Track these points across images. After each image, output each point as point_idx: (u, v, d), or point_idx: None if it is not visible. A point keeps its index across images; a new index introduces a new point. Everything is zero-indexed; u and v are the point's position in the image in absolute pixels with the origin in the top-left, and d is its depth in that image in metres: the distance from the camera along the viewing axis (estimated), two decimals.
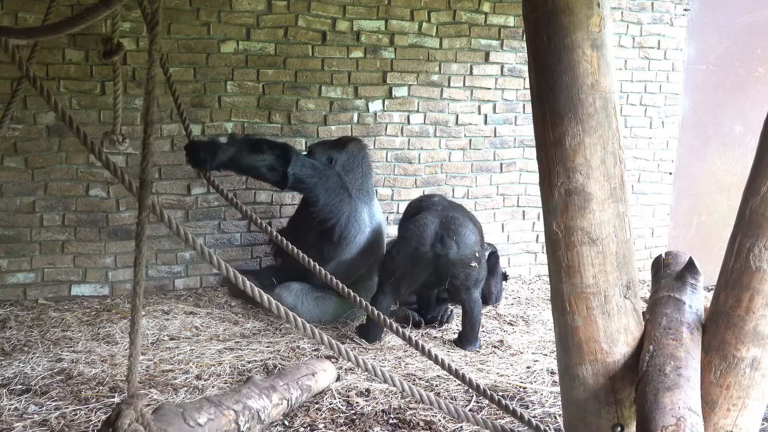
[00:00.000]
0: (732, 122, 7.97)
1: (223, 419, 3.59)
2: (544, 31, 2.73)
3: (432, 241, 5.58)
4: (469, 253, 5.59)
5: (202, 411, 3.51)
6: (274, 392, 4.05)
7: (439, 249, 5.55)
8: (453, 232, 5.58)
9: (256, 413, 3.82)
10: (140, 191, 2.50)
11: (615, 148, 2.76)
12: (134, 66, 6.01)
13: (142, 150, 2.52)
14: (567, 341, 2.89)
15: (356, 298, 4.46)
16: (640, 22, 7.65)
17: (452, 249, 5.53)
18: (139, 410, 2.46)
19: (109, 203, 6.12)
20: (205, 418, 3.49)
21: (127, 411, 2.42)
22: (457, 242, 5.55)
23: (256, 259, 6.70)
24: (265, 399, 3.94)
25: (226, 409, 3.65)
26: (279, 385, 4.15)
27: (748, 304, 2.68)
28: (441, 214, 5.74)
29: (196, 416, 3.46)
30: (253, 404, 3.83)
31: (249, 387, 3.98)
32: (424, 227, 5.63)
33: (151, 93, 2.50)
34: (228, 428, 3.59)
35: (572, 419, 2.97)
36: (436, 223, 5.65)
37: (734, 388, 2.72)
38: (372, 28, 6.73)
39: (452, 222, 5.64)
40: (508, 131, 7.41)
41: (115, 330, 5.40)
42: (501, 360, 5.42)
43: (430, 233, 5.60)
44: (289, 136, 6.56)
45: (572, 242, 2.79)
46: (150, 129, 2.49)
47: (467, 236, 5.61)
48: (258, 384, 4.04)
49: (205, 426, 3.46)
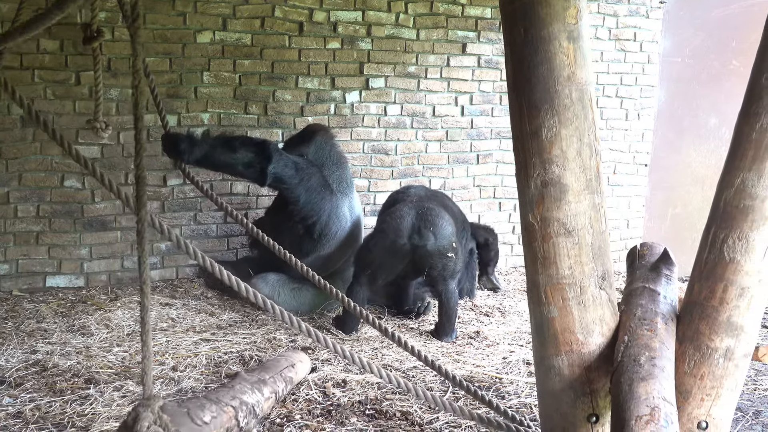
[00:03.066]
0: (707, 115, 8.02)
1: (225, 416, 3.65)
2: (520, 22, 2.73)
3: (409, 232, 5.58)
4: (446, 243, 5.60)
5: (205, 409, 3.58)
6: (265, 386, 4.09)
7: (417, 240, 5.55)
8: (430, 223, 5.59)
9: (252, 408, 3.87)
10: (137, 188, 2.47)
11: (591, 140, 2.77)
12: (110, 56, 5.97)
13: (135, 145, 2.49)
14: (543, 332, 2.90)
15: (332, 290, 4.46)
16: (616, 15, 7.68)
17: (429, 240, 5.54)
18: (157, 412, 2.46)
19: (85, 194, 6.08)
20: (209, 416, 3.55)
21: (145, 413, 2.41)
22: (434, 233, 5.56)
23: (232, 250, 6.68)
24: (258, 393, 3.99)
25: (226, 405, 3.71)
26: (267, 378, 4.18)
27: (722, 295, 2.70)
28: (417, 205, 5.74)
29: (201, 415, 3.53)
30: (248, 399, 3.88)
31: (240, 382, 4.00)
32: (401, 219, 5.63)
33: (137, 87, 2.47)
34: (230, 425, 3.66)
35: (548, 409, 2.98)
36: (413, 214, 5.65)
37: (708, 378, 2.74)
38: (349, 19, 6.72)
39: (429, 213, 5.64)
40: (485, 123, 7.42)
41: (90, 321, 5.37)
42: (477, 351, 5.44)
43: (407, 225, 5.60)
44: (265, 127, 6.54)
45: (548, 233, 2.79)
46: (140, 123, 2.46)
47: (444, 227, 5.62)
48: (248, 378, 4.06)
49: (211, 424, 3.53)
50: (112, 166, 6.07)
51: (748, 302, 2.69)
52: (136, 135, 2.48)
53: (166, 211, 6.36)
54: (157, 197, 6.30)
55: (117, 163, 6.13)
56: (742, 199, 2.65)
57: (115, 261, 6.25)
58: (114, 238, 6.21)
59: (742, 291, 2.68)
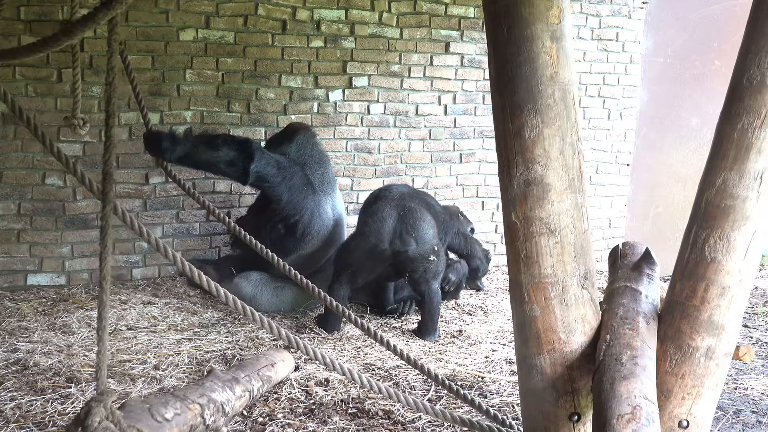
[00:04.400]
0: (689, 115, 8.05)
1: (189, 413, 3.59)
2: (503, 22, 2.73)
3: (390, 237, 5.56)
4: (427, 248, 5.59)
5: (168, 406, 3.51)
6: (237, 384, 4.05)
7: (398, 246, 5.54)
8: (411, 227, 5.56)
9: (221, 406, 3.82)
10: (103, 184, 2.46)
11: (573, 140, 2.78)
12: (91, 53, 5.94)
13: (104, 142, 2.48)
14: (525, 331, 2.90)
15: (315, 289, 4.46)
16: (599, 15, 7.70)
17: (411, 246, 5.53)
18: (109, 407, 2.44)
19: (66, 192, 6.05)
20: (172, 413, 3.49)
21: (97, 408, 2.40)
22: (415, 238, 5.54)
23: (215, 248, 6.66)
24: (229, 391, 3.94)
25: (191, 403, 3.65)
26: (241, 377, 4.14)
27: (703, 294, 2.71)
28: (399, 204, 5.71)
29: (163, 411, 3.46)
30: (218, 397, 3.83)
31: (212, 380, 3.97)
32: (382, 222, 5.60)
33: (111, 84, 2.46)
34: (194, 422, 3.60)
35: (530, 408, 2.99)
36: (394, 216, 5.62)
37: (689, 377, 2.75)
38: (332, 18, 6.71)
39: (410, 215, 5.62)
40: (468, 122, 7.43)
41: (71, 320, 5.35)
42: (460, 350, 5.45)
43: (388, 229, 5.57)
44: (248, 126, 6.52)
45: (531, 233, 2.80)
46: (112, 120, 2.45)
47: (425, 231, 5.60)
48: (220, 376, 4.03)
49: (172, 421, 3.46)
50: (94, 164, 6.04)
51: (728, 301, 2.70)
52: (107, 132, 2.47)
53: (148, 210, 6.33)
54: (139, 195, 6.28)
55: (99, 161, 6.05)
56: (723, 199, 2.66)
57: (97, 259, 6.13)
58: (96, 236, 6.18)
59: (723, 290, 2.69)
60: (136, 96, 5.01)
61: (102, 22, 2.22)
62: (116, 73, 2.48)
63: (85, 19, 2.29)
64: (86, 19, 2.29)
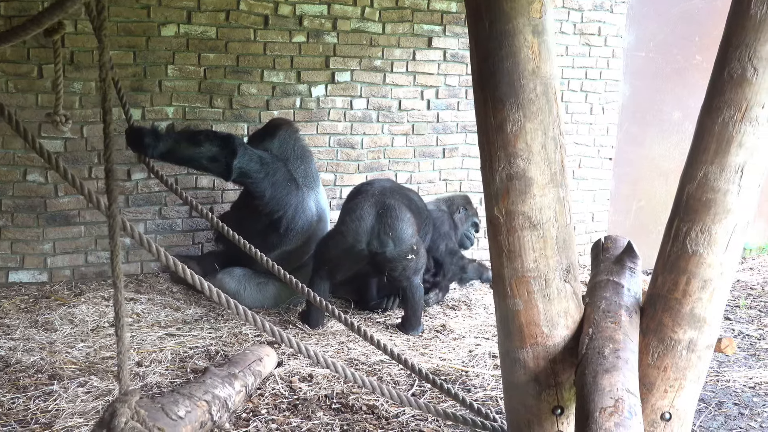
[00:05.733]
0: (671, 109, 8.09)
1: (199, 410, 3.67)
2: (485, 16, 2.73)
3: (368, 238, 5.53)
4: (405, 248, 5.56)
5: (179, 404, 3.59)
6: (236, 380, 4.11)
7: (376, 247, 5.52)
8: (389, 227, 5.52)
9: (224, 402, 3.90)
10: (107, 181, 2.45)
11: (555, 134, 2.78)
12: (72, 49, 5.91)
13: (104, 139, 2.47)
14: (508, 325, 2.90)
15: (298, 284, 4.45)
16: (581, 9, 7.72)
17: (388, 246, 5.51)
18: (134, 407, 2.44)
19: (48, 189, 6.02)
20: (184, 410, 3.57)
21: (123, 409, 2.40)
22: (393, 239, 5.52)
23: (198, 244, 6.64)
24: (229, 387, 4.00)
25: (199, 400, 3.73)
26: (237, 372, 4.19)
27: (685, 287, 2.72)
28: (378, 202, 5.66)
29: (176, 409, 3.54)
30: (220, 393, 3.91)
31: (211, 377, 4.01)
32: (360, 221, 5.56)
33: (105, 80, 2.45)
34: (203, 419, 3.69)
35: (513, 402, 3.00)
36: (372, 215, 5.58)
37: (671, 369, 2.76)
38: (314, 13, 6.70)
39: (388, 215, 5.57)
40: (451, 116, 7.43)
41: (54, 317, 5.33)
42: (443, 344, 5.46)
43: (365, 228, 5.54)
44: (231, 121, 6.50)
45: (513, 227, 2.80)
46: (108, 117, 2.44)
47: (404, 230, 5.56)
48: (218, 373, 4.07)
49: (186, 418, 3.54)
50: (76, 161, 6.01)
51: (710, 294, 2.71)
52: (105, 129, 2.46)
53: (131, 206, 6.31)
54: (121, 191, 6.25)
55: (80, 157, 6.07)
56: (704, 192, 2.67)
57: (79, 256, 6.19)
58: (78, 232, 6.16)
59: (704, 283, 2.70)
60: (118, 92, 4.98)
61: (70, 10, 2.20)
62: (108, 69, 2.47)
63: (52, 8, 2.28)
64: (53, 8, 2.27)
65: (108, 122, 2.43)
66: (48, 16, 2.27)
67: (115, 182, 2.47)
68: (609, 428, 2.29)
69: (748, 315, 6.59)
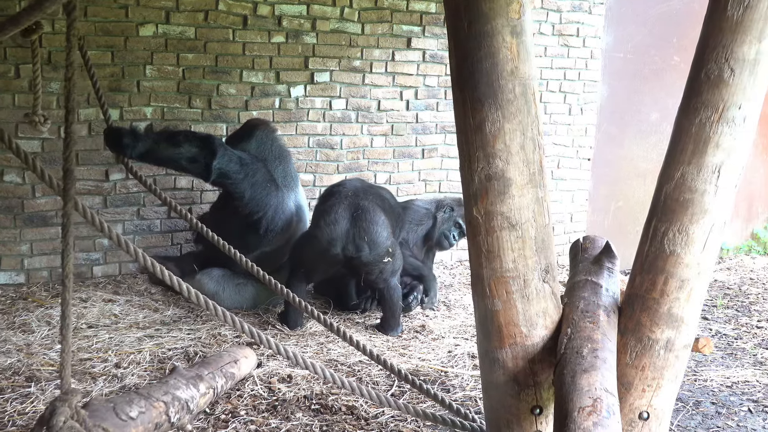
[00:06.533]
0: (649, 109, 8.13)
1: (154, 411, 3.61)
2: (464, 17, 2.73)
3: (343, 243, 5.49)
4: (381, 251, 5.54)
5: (132, 404, 3.54)
6: (201, 381, 4.05)
7: (351, 251, 5.50)
8: (364, 231, 5.49)
9: (185, 403, 3.83)
10: (64, 181, 2.43)
11: (534, 134, 2.79)
12: (50, 49, 5.87)
13: (64, 138, 2.45)
14: (487, 325, 2.91)
15: (277, 285, 4.45)
16: (559, 10, 7.74)
17: (363, 251, 5.49)
18: (74, 407, 2.42)
19: (25, 189, 5.98)
20: (137, 411, 3.51)
21: (62, 408, 2.38)
22: (368, 243, 5.49)
23: (176, 245, 6.62)
24: (193, 389, 3.94)
25: (156, 401, 3.67)
26: (204, 374, 4.14)
27: (663, 287, 2.73)
28: (352, 204, 5.61)
29: (128, 410, 3.48)
30: (182, 395, 3.84)
31: (176, 377, 3.97)
32: (334, 225, 5.52)
33: (70, 79, 2.43)
34: (159, 420, 3.61)
35: (492, 402, 3.00)
36: (347, 219, 5.53)
37: (649, 369, 2.78)
38: (294, 13, 6.69)
39: (363, 218, 5.53)
40: (430, 117, 7.44)
41: (31, 318, 5.29)
42: (423, 344, 5.46)
43: (340, 232, 5.50)
44: (209, 122, 6.48)
45: (492, 227, 2.80)
46: (71, 117, 2.42)
47: (379, 233, 5.54)
48: (184, 374, 4.03)
49: (137, 419, 3.48)
50: (53, 161, 5.97)
51: (687, 294, 2.73)
52: (66, 128, 2.44)
53: (109, 206, 6.28)
54: (99, 192, 6.22)
55: (58, 157, 6.02)
56: (682, 193, 2.69)
57: (57, 257, 6.15)
58: (55, 233, 6.11)
59: (682, 283, 2.72)
60: (96, 92, 4.96)
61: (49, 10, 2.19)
62: (75, 69, 2.46)
63: (31, 8, 2.26)
64: (32, 8, 2.26)
65: (70, 121, 2.42)
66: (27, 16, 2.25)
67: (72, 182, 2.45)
68: (587, 427, 2.30)
69: (725, 315, 6.63)
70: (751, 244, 9.22)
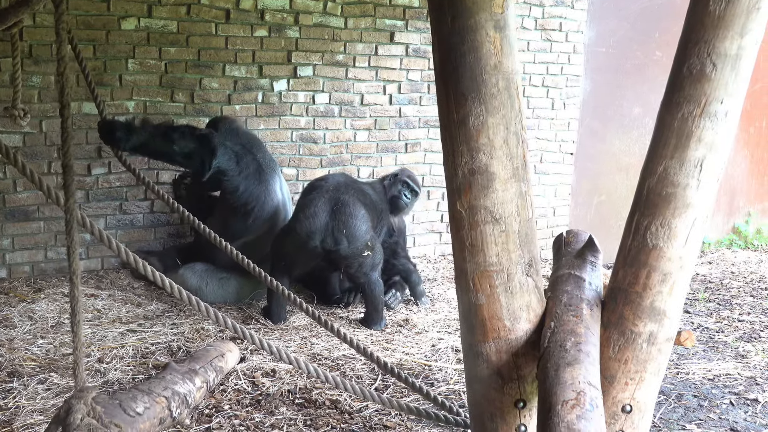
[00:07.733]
0: (631, 104, 8.15)
1: (158, 407, 3.66)
2: (447, 11, 2.73)
3: (322, 236, 5.51)
4: (360, 245, 5.55)
5: (137, 400, 3.58)
6: (196, 376, 4.10)
7: (329, 245, 5.51)
8: (343, 224, 5.50)
9: (184, 398, 3.89)
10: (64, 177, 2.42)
11: (517, 129, 2.79)
12: (31, 42, 5.84)
13: (62, 134, 2.44)
14: (471, 319, 2.91)
15: (261, 273, 4.46)
16: (542, 4, 7.75)
17: (342, 244, 5.50)
18: (90, 404, 2.41)
19: (6, 183, 5.95)
20: (142, 407, 3.56)
21: (78, 405, 2.38)
22: (347, 236, 5.50)
23: (159, 240, 6.59)
24: (189, 383, 3.99)
25: (158, 396, 3.72)
26: (197, 368, 4.17)
27: (645, 280, 2.74)
28: (332, 198, 5.62)
29: (134, 406, 3.53)
30: (180, 389, 3.90)
31: (171, 373, 3.99)
32: (313, 218, 5.54)
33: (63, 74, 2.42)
34: (162, 415, 3.68)
35: (476, 396, 3.01)
36: (326, 212, 5.55)
37: (632, 362, 2.78)
38: (276, 7, 6.67)
39: (342, 212, 5.55)
40: (413, 111, 7.44)
41: (13, 314, 5.27)
42: (406, 339, 5.47)
43: (318, 226, 5.51)
44: (192, 116, 6.46)
45: (476, 221, 2.80)
46: (66, 111, 2.41)
47: (358, 227, 5.55)
48: (178, 369, 4.06)
49: (144, 414, 3.53)
50: (34, 155, 5.94)
51: (670, 288, 2.74)
52: (63, 123, 2.43)
53: (91, 201, 6.25)
54: (81, 187, 6.18)
55: (39, 152, 6.00)
56: (664, 187, 2.69)
57: (39, 252, 6.12)
58: (37, 228, 6.09)
59: (664, 277, 2.73)
60: (88, 84, 4.94)
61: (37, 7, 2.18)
62: (67, 63, 2.44)
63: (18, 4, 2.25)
64: (20, 4, 2.25)
65: (66, 116, 2.41)
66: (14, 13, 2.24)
67: (72, 178, 2.44)
68: (571, 421, 2.31)
69: (707, 308, 6.67)
70: (733, 238, 9.27)
